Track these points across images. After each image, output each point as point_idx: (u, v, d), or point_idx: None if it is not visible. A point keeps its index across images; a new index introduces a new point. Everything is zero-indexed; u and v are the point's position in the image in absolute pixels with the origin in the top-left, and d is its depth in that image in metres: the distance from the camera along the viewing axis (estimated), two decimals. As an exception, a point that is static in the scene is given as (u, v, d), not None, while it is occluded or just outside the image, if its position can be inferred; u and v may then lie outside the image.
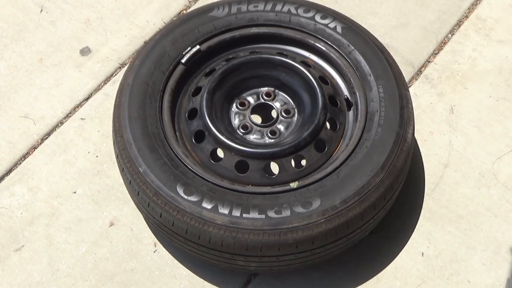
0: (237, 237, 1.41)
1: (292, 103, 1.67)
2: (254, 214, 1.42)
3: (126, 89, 1.59)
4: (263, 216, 1.41)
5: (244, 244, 1.42)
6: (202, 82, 1.63)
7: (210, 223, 1.41)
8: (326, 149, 1.56)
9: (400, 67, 1.68)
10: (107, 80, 2.03)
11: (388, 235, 1.72)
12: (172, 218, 1.44)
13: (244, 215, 1.41)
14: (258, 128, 1.63)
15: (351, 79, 1.64)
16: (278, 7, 1.72)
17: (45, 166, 1.85)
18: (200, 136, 1.56)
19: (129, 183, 1.52)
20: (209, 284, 1.66)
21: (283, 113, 1.65)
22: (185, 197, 1.43)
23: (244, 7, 1.72)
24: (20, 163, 1.86)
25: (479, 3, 2.20)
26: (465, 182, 1.81)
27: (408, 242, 1.72)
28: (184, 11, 2.19)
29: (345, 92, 1.66)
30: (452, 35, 2.12)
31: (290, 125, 1.64)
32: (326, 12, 1.71)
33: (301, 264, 1.51)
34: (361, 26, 1.73)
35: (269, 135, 1.62)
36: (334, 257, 1.58)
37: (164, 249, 1.71)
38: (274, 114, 1.67)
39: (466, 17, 2.17)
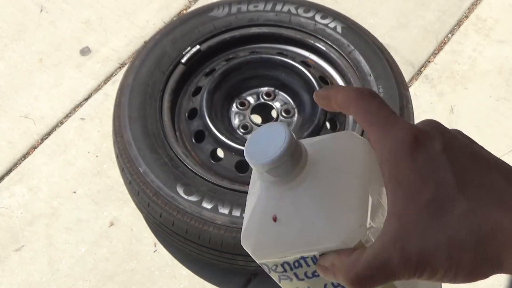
0: (237, 237, 1.41)
1: (292, 103, 1.67)
2: (254, 214, 1.41)
3: (126, 89, 1.59)
4: (263, 216, 1.41)
5: (244, 244, 1.42)
6: (202, 82, 1.63)
7: (210, 223, 1.41)
8: (326, 149, 1.56)
9: (400, 67, 1.68)
10: (107, 80, 2.03)
11: (388, 235, 1.72)
12: (172, 218, 1.44)
13: (244, 215, 1.41)
14: (258, 128, 1.63)
15: (351, 79, 1.64)
16: (278, 7, 1.72)
17: (45, 166, 1.84)
18: (200, 136, 1.56)
19: (129, 183, 1.52)
20: (209, 284, 1.66)
21: (283, 113, 1.65)
22: (185, 197, 1.43)
23: (244, 7, 1.72)
24: (20, 163, 1.86)
25: (479, 3, 2.20)
26: (465, 182, 1.81)
27: (408, 242, 1.72)
28: (184, 11, 2.19)
29: (345, 92, 1.66)
30: (452, 35, 2.12)
31: (290, 125, 1.64)
32: (326, 12, 1.72)
33: (301, 264, 1.51)
34: (361, 26, 1.73)
35: (269, 135, 1.62)
36: (334, 257, 1.57)
37: (164, 249, 1.71)
38: (274, 114, 1.67)
39: (466, 17, 2.17)
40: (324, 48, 1.68)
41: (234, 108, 1.66)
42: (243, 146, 1.52)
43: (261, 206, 0.48)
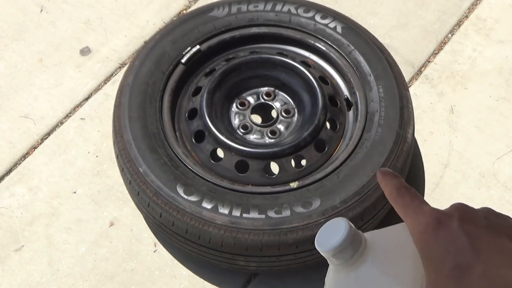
0: (237, 237, 1.41)
1: (292, 103, 1.67)
2: (254, 214, 1.42)
3: (126, 89, 1.59)
4: (263, 216, 1.41)
5: (244, 244, 1.42)
6: (202, 82, 1.63)
7: (210, 223, 1.41)
8: (326, 149, 1.56)
9: (400, 67, 1.68)
10: (107, 80, 2.03)
11: (388, 235, 1.72)
12: (172, 218, 1.44)
13: (244, 215, 1.42)
14: (258, 128, 1.63)
15: (351, 79, 1.64)
16: (278, 7, 1.72)
17: (45, 166, 1.84)
18: (200, 136, 1.56)
19: (129, 183, 1.52)
20: (209, 284, 1.66)
21: (283, 113, 1.65)
22: (185, 197, 1.43)
23: (244, 7, 1.72)
24: (20, 163, 1.86)
25: (479, 3, 2.20)
26: (465, 182, 1.81)
27: (408, 242, 1.72)
28: (184, 11, 2.19)
29: (345, 92, 1.66)
30: (452, 35, 2.12)
31: (290, 125, 1.64)
32: (326, 12, 1.72)
33: (301, 264, 1.51)
34: (361, 26, 1.73)
35: (269, 135, 1.62)
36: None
37: (164, 249, 1.71)
38: (274, 114, 1.67)
39: (466, 17, 2.17)
40: (324, 48, 1.68)
41: (234, 108, 1.66)
42: (243, 146, 1.53)
43: (333, 285, 0.59)
